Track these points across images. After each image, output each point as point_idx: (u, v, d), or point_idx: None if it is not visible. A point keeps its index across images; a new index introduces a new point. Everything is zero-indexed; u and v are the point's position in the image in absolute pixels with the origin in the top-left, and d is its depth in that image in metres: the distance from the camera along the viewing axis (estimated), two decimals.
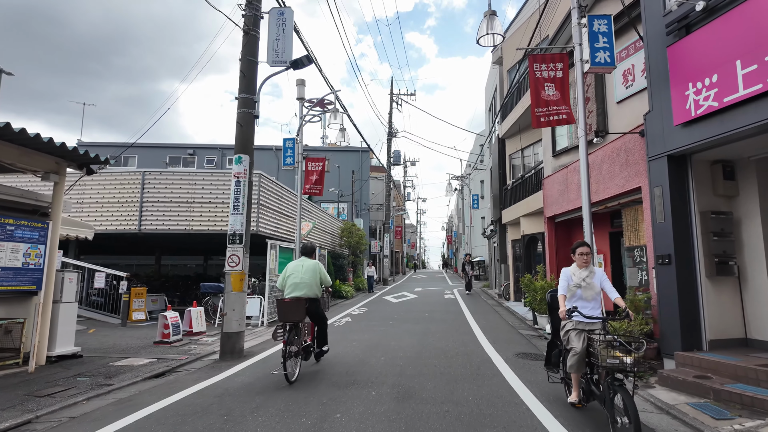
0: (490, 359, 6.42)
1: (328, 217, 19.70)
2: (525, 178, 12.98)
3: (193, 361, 6.71)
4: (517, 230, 14.17)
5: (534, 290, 9.16)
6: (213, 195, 12.19)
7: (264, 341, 8.39)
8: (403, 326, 9.83)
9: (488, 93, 21.19)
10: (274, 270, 11.08)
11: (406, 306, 14.34)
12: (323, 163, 11.03)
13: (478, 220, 30.27)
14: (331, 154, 27.75)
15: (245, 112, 7.43)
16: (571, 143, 9.16)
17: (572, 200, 8.66)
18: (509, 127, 14.43)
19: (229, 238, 7.15)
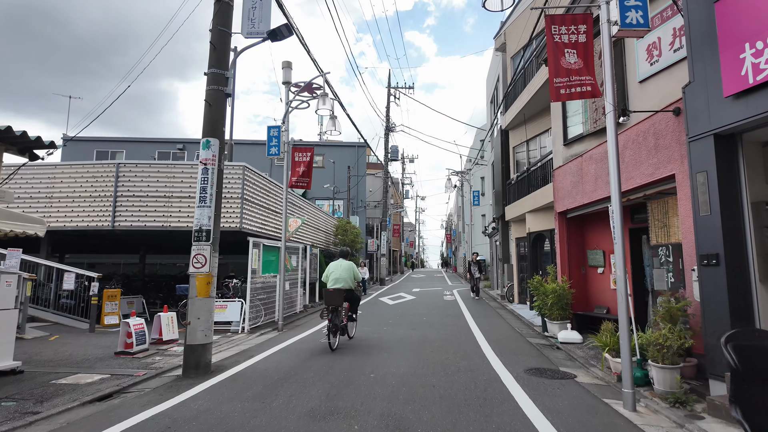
0: (498, 377, 5.46)
1: (321, 215, 18.74)
2: (531, 172, 12.02)
3: (150, 378, 5.75)
4: (522, 227, 13.21)
5: (544, 293, 8.21)
6: (193, 189, 11.19)
7: (242, 351, 7.42)
8: (397, 333, 8.87)
9: (490, 84, 20.22)
10: (257, 271, 10.13)
11: (402, 308, 13.38)
12: (311, 154, 10.06)
13: (478, 218, 29.30)
14: (327, 150, 26.79)
15: (215, 89, 6.45)
16: (587, 129, 8.20)
17: (588, 192, 7.71)
18: (513, 117, 13.46)
19: (194, 235, 6.19)
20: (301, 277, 13.20)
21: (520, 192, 12.91)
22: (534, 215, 11.82)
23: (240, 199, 11.20)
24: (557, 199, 8.97)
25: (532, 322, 10.03)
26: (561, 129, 9.26)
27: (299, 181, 10.11)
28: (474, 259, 17.18)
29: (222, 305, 9.69)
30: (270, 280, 11.17)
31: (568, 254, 8.77)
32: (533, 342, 7.85)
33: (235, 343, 8.22)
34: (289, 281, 12.21)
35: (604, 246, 8.41)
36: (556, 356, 6.77)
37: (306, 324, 10.66)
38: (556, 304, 8.00)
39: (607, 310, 8.21)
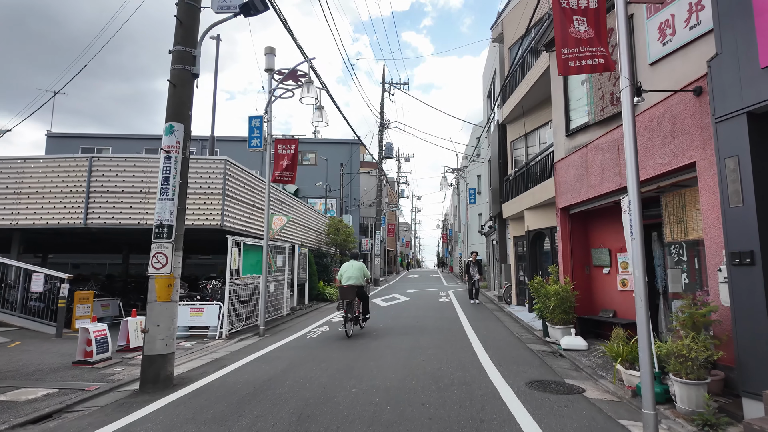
0: (496, 392, 4.81)
1: (312, 213, 18.06)
2: (530, 166, 11.40)
3: (103, 394, 5.06)
4: (521, 225, 12.58)
5: (546, 296, 7.57)
6: None
7: (214, 360, 6.74)
8: (388, 338, 8.21)
9: (486, 78, 19.61)
10: (237, 272, 9.45)
11: (395, 311, 12.72)
12: (295, 147, 9.39)
13: (474, 216, 28.71)
14: (319, 147, 26.11)
15: (181, 69, 5.77)
16: (592, 119, 7.56)
17: (593, 186, 7.07)
18: (511, 110, 12.83)
19: (154, 231, 5.50)
20: (288, 278, 12.52)
21: (519, 188, 12.29)
22: (533, 212, 11.19)
23: (221, 195, 10.52)
24: (559, 194, 8.34)
25: (532, 326, 9.40)
26: (563, 119, 8.63)
27: (283, 175, 9.44)
28: (473, 260, 14.85)
29: (198, 309, 9.01)
30: (253, 282, 10.49)
31: (571, 253, 8.14)
32: (534, 349, 7.21)
33: (209, 351, 7.54)
34: (274, 282, 11.54)
35: (610, 244, 7.78)
36: (560, 365, 6.13)
37: (291, 328, 9.99)
38: (558, 308, 7.36)
39: (614, 314, 7.59)
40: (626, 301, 7.37)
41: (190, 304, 9.09)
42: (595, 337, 7.70)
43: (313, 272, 15.49)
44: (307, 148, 26.11)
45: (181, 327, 8.98)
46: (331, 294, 16.03)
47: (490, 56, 18.02)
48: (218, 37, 11.77)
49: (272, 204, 12.91)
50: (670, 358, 4.20)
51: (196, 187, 10.46)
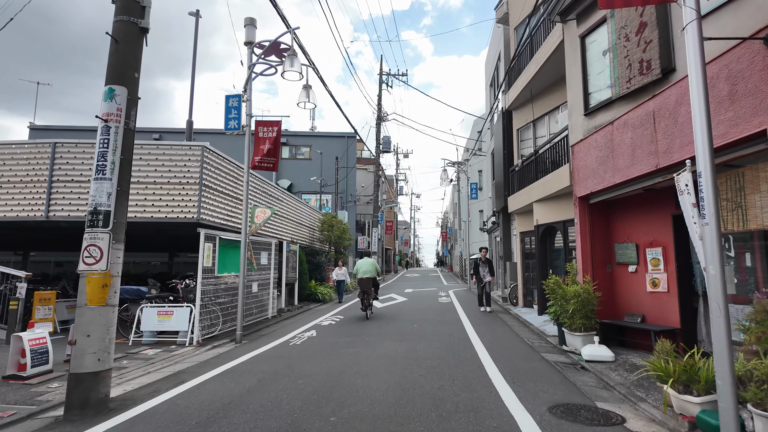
0: (513, 422, 3.77)
1: (304, 208, 17.00)
2: (540, 154, 10.35)
3: (17, 422, 4.02)
4: (528, 220, 11.54)
5: (563, 298, 6.54)
6: (144, 173, 9.50)
7: (173, 374, 5.69)
8: (381, 346, 7.17)
9: (489, 66, 18.56)
10: (212, 270, 8.41)
11: (391, 313, 11.68)
12: (278, 129, 8.34)
13: (475, 213, 27.63)
14: (314, 140, 25.06)
15: (125, 21, 4.72)
16: (616, 92, 6.52)
17: (621, 169, 6.03)
18: (518, 94, 11.78)
19: (87, 219, 4.46)
20: (275, 277, 11.48)
21: (527, 179, 11.24)
22: (543, 205, 10.15)
23: (198, 184, 9.46)
24: (577, 181, 7.29)
25: (544, 331, 8.37)
26: (580, 96, 7.59)
27: (263, 161, 8.39)
28: (483, 257, 11.84)
29: (167, 312, 7.96)
30: (234, 281, 9.46)
31: (591, 249, 7.10)
32: (551, 359, 6.16)
33: (172, 361, 6.49)
34: (258, 282, 10.50)
35: (636, 238, 6.74)
36: (585, 382, 5.09)
37: (274, 333, 8.94)
38: (578, 312, 6.32)
39: (642, 318, 6.55)
40: (657, 304, 6.34)
41: (158, 306, 8.04)
42: (619, 345, 6.67)
43: (304, 271, 14.44)
44: (301, 142, 25.07)
45: (148, 332, 7.96)
46: (323, 294, 14.99)
47: (494, 41, 16.97)
48: (197, 13, 10.74)
49: (257, 196, 11.88)
50: (750, 383, 3.16)
51: (170, 176, 9.43)
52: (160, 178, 9.51)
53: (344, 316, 11.08)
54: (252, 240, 10.13)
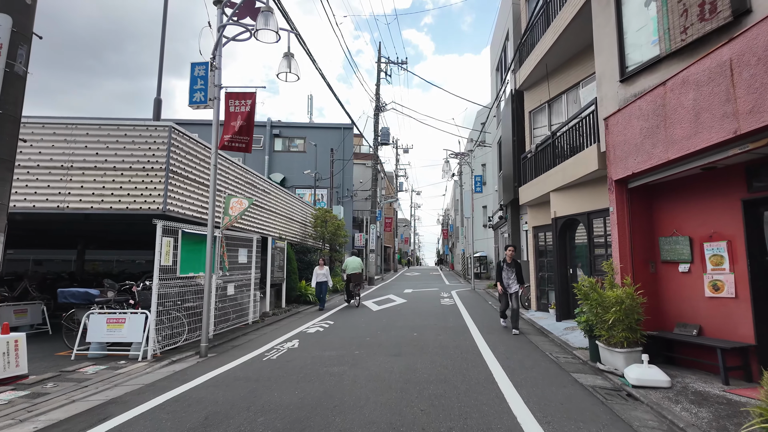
0: None
1: (296, 202, 15.69)
2: (558, 136, 9.03)
3: None
4: (543, 213, 10.23)
5: (600, 304, 5.23)
6: (102, 157, 8.23)
7: (101, 405, 4.39)
8: (372, 362, 5.87)
9: (495, 49, 17.23)
10: (174, 269, 7.11)
11: (387, 317, 10.38)
12: (252, 102, 7.02)
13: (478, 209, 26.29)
14: (309, 132, 23.73)
15: None
16: (667, 47, 5.20)
17: (678, 140, 4.72)
18: (531, 71, 10.45)
19: None
20: (257, 277, 10.18)
21: (541, 166, 9.92)
22: (562, 195, 8.84)
23: (164, 171, 8.16)
24: (613, 161, 5.97)
25: (567, 342, 7.07)
26: (614, 60, 6.27)
27: (234, 140, 7.07)
28: (508, 258, 8.41)
29: (118, 319, 6.66)
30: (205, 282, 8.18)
31: (630, 244, 5.78)
32: (586, 383, 4.86)
33: (112, 383, 5.19)
34: (235, 283, 9.20)
35: (690, 230, 5.43)
36: (642, 421, 3.79)
37: (251, 343, 7.65)
38: (621, 323, 5.01)
39: (699, 331, 5.24)
40: (720, 313, 5.03)
41: (107, 313, 6.74)
42: (666, 363, 5.38)
43: (292, 270, 13.13)
44: (295, 134, 23.74)
45: (95, 344, 6.67)
46: (314, 296, 13.67)
47: (500, 21, 15.64)
48: None
49: (239, 186, 10.58)
50: None
51: (133, 161, 8.15)
52: (120, 163, 8.23)
53: (334, 322, 9.78)
54: (227, 235, 8.84)
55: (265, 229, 12.26)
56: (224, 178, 10.10)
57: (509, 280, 8.28)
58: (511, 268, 8.31)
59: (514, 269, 8.28)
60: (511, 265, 8.33)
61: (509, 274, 8.30)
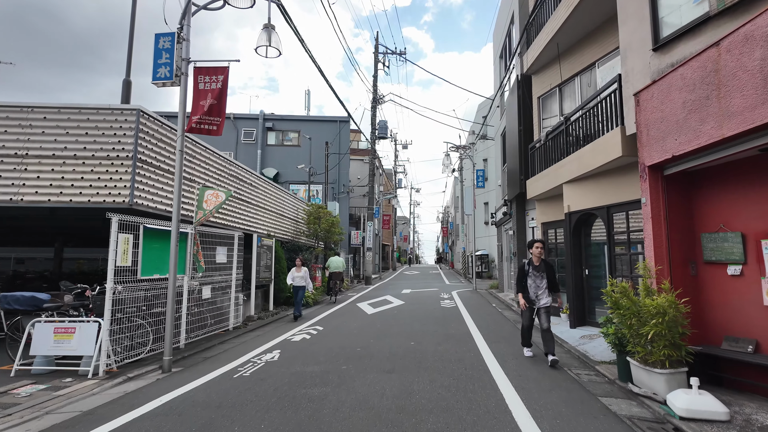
0: None
1: (286, 198, 14.75)
2: (572, 122, 8.11)
3: None
4: (554, 207, 9.32)
5: (635, 314, 4.32)
6: (61, 144, 7.36)
7: (44, 430, 3.48)
8: (361, 382, 4.96)
9: (498, 36, 16.28)
10: (135, 270, 6.19)
11: (382, 322, 9.47)
12: (224, 78, 6.10)
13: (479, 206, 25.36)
14: (303, 125, 22.78)
15: None
16: (719, 3, 4.27)
17: (737, 113, 3.80)
18: (540, 53, 9.52)
19: None
20: (239, 278, 9.27)
21: (553, 156, 9.01)
22: (577, 187, 7.92)
23: (131, 159, 7.26)
24: (647, 143, 5.04)
25: (586, 353, 6.17)
26: (646, 26, 5.35)
27: (204, 122, 6.14)
28: (535, 258, 6.10)
29: (67, 329, 5.74)
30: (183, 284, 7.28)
31: (667, 242, 4.87)
32: (620, 412, 3.95)
33: (43, 409, 4.29)
34: (212, 285, 8.30)
35: (742, 225, 4.51)
36: None
37: (228, 353, 6.74)
38: (662, 337, 4.10)
39: (755, 347, 4.32)
40: None
41: (54, 321, 5.82)
42: (713, 384, 4.46)
43: (281, 269, 12.22)
44: (289, 127, 22.79)
45: (40, 358, 5.75)
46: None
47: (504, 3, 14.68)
48: None
49: (221, 179, 9.65)
50: None
51: (96, 149, 7.28)
52: (82, 151, 7.34)
53: (324, 327, 8.87)
54: (203, 231, 7.92)
55: (252, 226, 11.35)
56: (204, 170, 9.18)
57: (538, 290, 5.98)
58: (540, 272, 5.99)
59: (545, 273, 5.98)
60: (539, 268, 6.00)
61: (538, 281, 5.99)
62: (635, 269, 5.53)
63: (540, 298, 5.97)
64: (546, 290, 5.95)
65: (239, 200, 10.70)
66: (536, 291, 5.99)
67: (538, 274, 6.01)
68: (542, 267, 6.01)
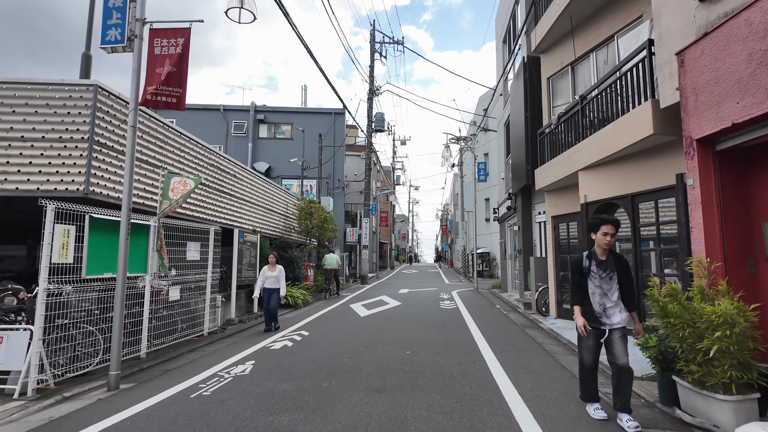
0: None
1: (275, 191, 13.81)
2: (589, 101, 7.18)
3: None
4: (567, 199, 8.40)
5: (690, 324, 3.38)
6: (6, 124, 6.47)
7: None
8: (343, 405, 4.03)
9: (500, 20, 15.34)
10: (80, 269, 5.25)
11: (376, 326, 8.55)
12: (185, 42, 5.16)
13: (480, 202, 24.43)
14: (296, 117, 21.83)
15: None
16: None
17: None
18: (552, 26, 8.58)
19: None
20: (215, 277, 8.34)
21: (566, 141, 8.08)
22: (596, 174, 7.00)
23: (87, 142, 6.34)
24: (695, 111, 4.11)
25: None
26: None
27: (161, 92, 5.19)
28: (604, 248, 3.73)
29: None
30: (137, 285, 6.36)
31: (721, 233, 3.95)
32: None
33: None
34: (183, 285, 7.37)
35: None
36: None
37: (196, 363, 5.81)
38: (728, 355, 3.18)
39: None
40: None
41: None
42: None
43: None
44: (282, 119, 21.83)
45: None
46: (295, 298, 11.84)
47: None
48: None
49: (199, 168, 8.71)
50: None
51: (46, 130, 6.42)
52: (30, 132, 6.42)
53: (310, 333, 7.95)
54: (170, 224, 6.98)
55: (236, 220, 10.41)
56: (179, 157, 8.25)
57: (606, 300, 3.68)
58: (608, 271, 3.71)
59: (615, 273, 3.71)
60: (606, 266, 3.72)
61: (605, 285, 3.70)
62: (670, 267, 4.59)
63: (610, 314, 3.65)
64: (619, 301, 3.67)
65: (221, 192, 9.77)
66: (603, 301, 3.68)
67: (606, 274, 3.69)
68: (611, 264, 3.71)
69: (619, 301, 3.68)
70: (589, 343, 3.72)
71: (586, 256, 3.83)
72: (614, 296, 3.67)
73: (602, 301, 3.69)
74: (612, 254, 3.78)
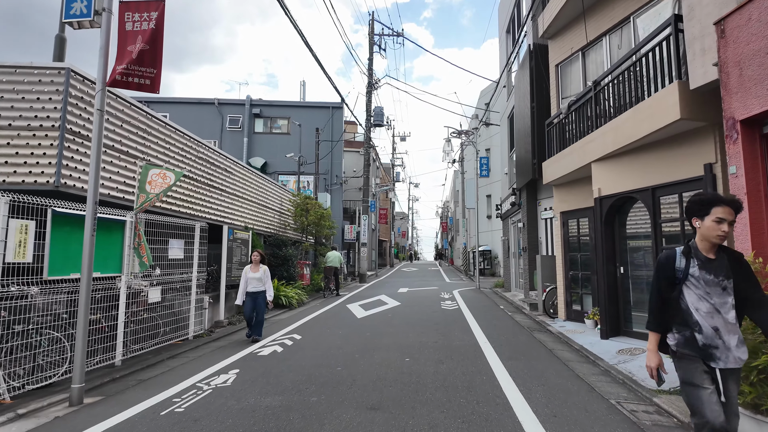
0: None
1: (269, 186, 13.27)
2: (603, 87, 6.64)
3: None
4: (577, 193, 7.86)
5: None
6: None
7: None
8: (331, 427, 3.51)
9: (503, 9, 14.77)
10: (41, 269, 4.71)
11: (373, 329, 8.03)
12: (158, 15, 4.61)
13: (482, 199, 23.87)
14: (293, 111, 21.26)
15: None
16: None
17: None
18: (561, 7, 8.02)
19: None
20: (201, 277, 7.82)
21: (577, 132, 7.54)
22: (611, 165, 6.46)
23: (59, 130, 5.83)
24: (738, 88, 3.57)
25: (631, 376, 4.72)
26: None
27: (132, 72, 4.64)
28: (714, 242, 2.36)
29: None
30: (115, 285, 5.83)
31: None
32: None
33: None
34: (165, 285, 6.84)
35: None
36: None
37: (175, 372, 5.29)
38: None
39: None
40: None
41: None
42: None
43: None
44: (278, 113, 21.27)
45: None
46: (289, 298, 11.31)
47: None
48: None
49: (186, 161, 8.18)
50: None
51: (13, 117, 6.00)
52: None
53: (302, 336, 7.42)
54: (150, 220, 6.44)
55: (226, 217, 9.89)
56: (163, 149, 7.73)
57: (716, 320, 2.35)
58: (721, 276, 2.37)
59: (731, 281, 2.37)
60: (718, 268, 2.39)
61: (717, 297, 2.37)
62: None
63: (727, 342, 2.33)
64: (737, 323, 2.38)
65: (210, 187, 9.24)
66: (712, 323, 2.35)
67: (718, 280, 2.38)
68: (724, 265, 2.40)
69: (737, 324, 2.36)
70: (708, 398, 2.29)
71: (682, 252, 2.46)
72: (730, 314, 2.34)
73: (711, 323, 2.33)
74: (725, 251, 2.43)
